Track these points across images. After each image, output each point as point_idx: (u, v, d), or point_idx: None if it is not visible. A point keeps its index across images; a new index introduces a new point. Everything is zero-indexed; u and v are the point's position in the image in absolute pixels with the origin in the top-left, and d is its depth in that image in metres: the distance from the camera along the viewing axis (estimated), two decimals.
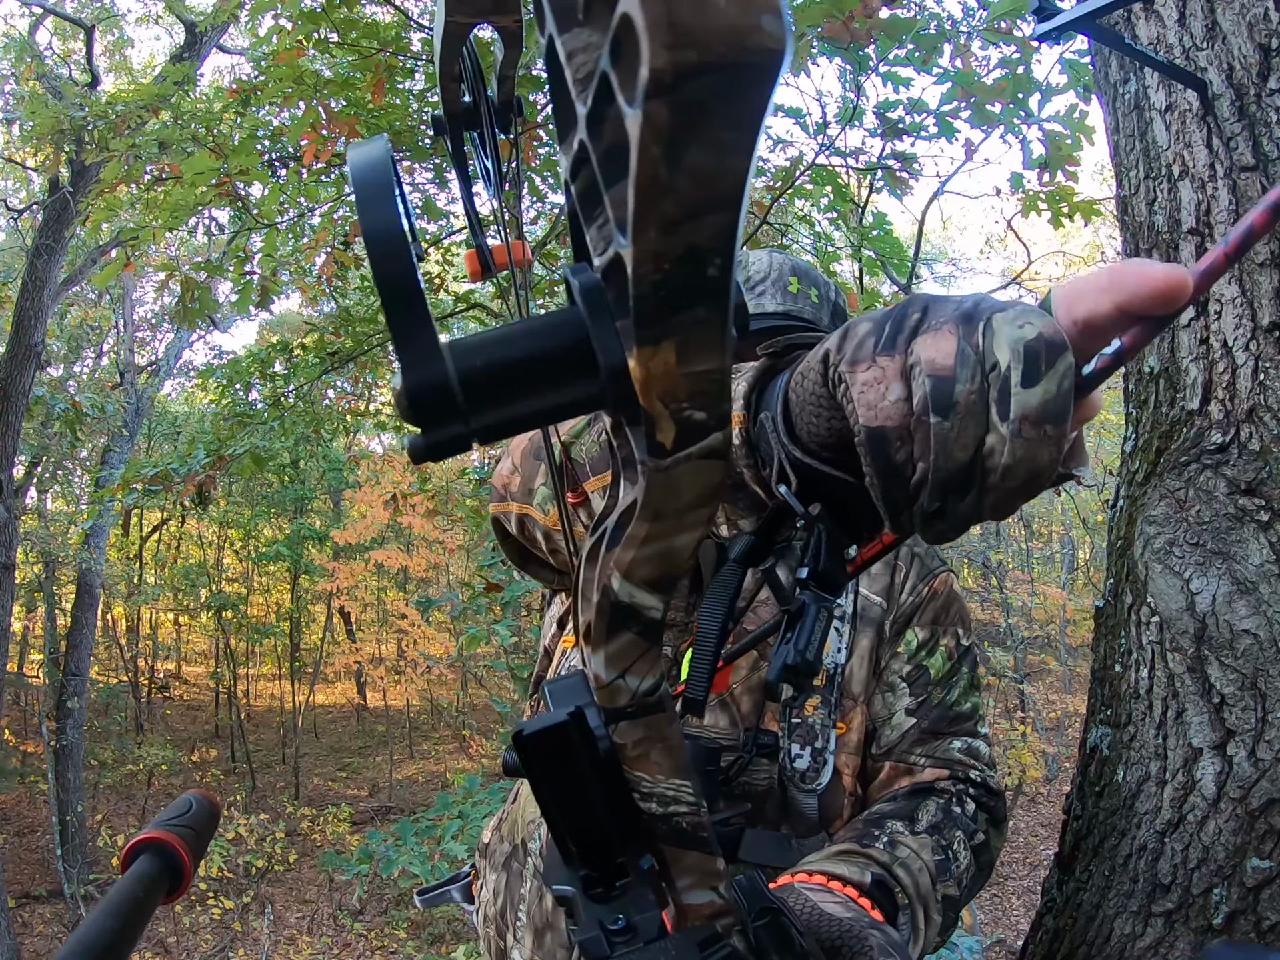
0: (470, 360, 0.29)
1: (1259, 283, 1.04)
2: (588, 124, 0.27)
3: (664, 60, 0.20)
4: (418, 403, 0.28)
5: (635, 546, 0.34)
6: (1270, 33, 1.07)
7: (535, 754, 0.43)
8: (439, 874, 3.72)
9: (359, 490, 9.98)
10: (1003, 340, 0.44)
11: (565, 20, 0.27)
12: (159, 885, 0.51)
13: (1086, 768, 1.15)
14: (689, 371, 0.28)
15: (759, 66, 0.21)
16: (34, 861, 9.42)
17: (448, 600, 5.57)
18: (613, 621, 0.38)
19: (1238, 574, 0.97)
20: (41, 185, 9.20)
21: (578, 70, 0.27)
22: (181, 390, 15.72)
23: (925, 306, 0.49)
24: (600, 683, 0.40)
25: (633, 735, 0.42)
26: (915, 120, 3.70)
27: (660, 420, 0.29)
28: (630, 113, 0.22)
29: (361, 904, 8.48)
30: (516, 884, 1.07)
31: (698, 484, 0.32)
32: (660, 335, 0.27)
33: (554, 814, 0.44)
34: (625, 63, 0.22)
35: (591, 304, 0.30)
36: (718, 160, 0.23)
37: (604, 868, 0.45)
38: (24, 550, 11.04)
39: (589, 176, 0.29)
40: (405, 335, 0.28)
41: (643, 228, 0.24)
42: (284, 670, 15.39)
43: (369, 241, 0.29)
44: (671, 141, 0.22)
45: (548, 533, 0.98)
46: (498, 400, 0.30)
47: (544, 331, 0.31)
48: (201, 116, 4.72)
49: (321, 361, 5.39)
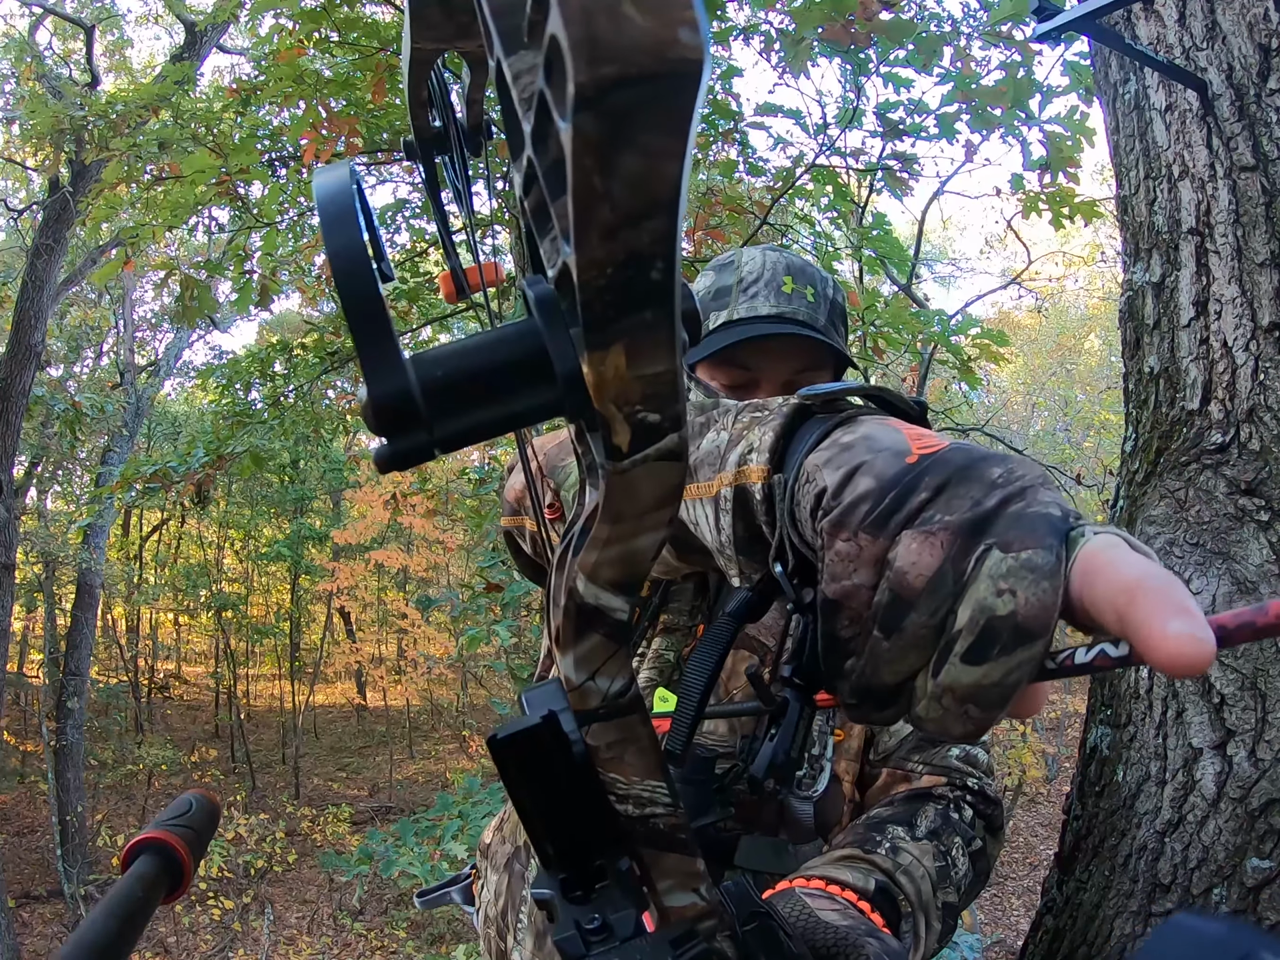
0: (431, 371, 0.30)
1: (1259, 283, 1.04)
2: (533, 141, 0.28)
3: (586, 75, 0.21)
4: (382, 413, 0.29)
5: (599, 549, 0.35)
6: (1270, 33, 1.07)
7: (510, 758, 0.43)
8: (439, 874, 3.72)
9: (359, 490, 9.99)
10: (974, 596, 0.39)
11: (511, 43, 0.28)
12: (159, 885, 0.51)
13: (1086, 768, 1.15)
14: (640, 374, 0.29)
15: (679, 75, 0.22)
16: (34, 861, 9.42)
17: (448, 600, 5.57)
18: (580, 624, 0.38)
19: (1238, 574, 0.97)
20: (41, 185, 9.21)
21: (523, 90, 0.28)
22: (181, 390, 15.73)
23: (940, 486, 0.42)
24: (571, 685, 0.40)
25: (606, 737, 0.42)
26: (915, 121, 3.71)
27: (615, 423, 0.30)
28: (563, 126, 0.23)
29: (361, 904, 8.48)
30: (518, 885, 1.07)
31: (655, 486, 0.32)
32: (609, 340, 0.28)
33: (531, 818, 0.44)
34: (556, 80, 0.23)
35: (546, 313, 0.31)
36: (649, 166, 0.24)
37: (582, 871, 0.45)
38: (24, 550, 11.04)
39: (539, 192, 0.30)
40: (369, 348, 0.29)
41: (584, 235, 0.25)
42: (284, 670, 15.39)
43: (332, 259, 0.30)
44: (602, 151, 0.23)
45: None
46: (459, 409, 0.30)
47: (502, 342, 0.31)
48: (201, 116, 4.71)
49: (321, 361, 5.39)
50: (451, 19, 0.44)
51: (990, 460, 0.43)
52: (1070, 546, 0.39)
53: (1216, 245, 1.09)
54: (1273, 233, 1.04)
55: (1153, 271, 1.18)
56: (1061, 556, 0.38)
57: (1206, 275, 1.10)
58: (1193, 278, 1.11)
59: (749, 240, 4.39)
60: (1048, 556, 0.38)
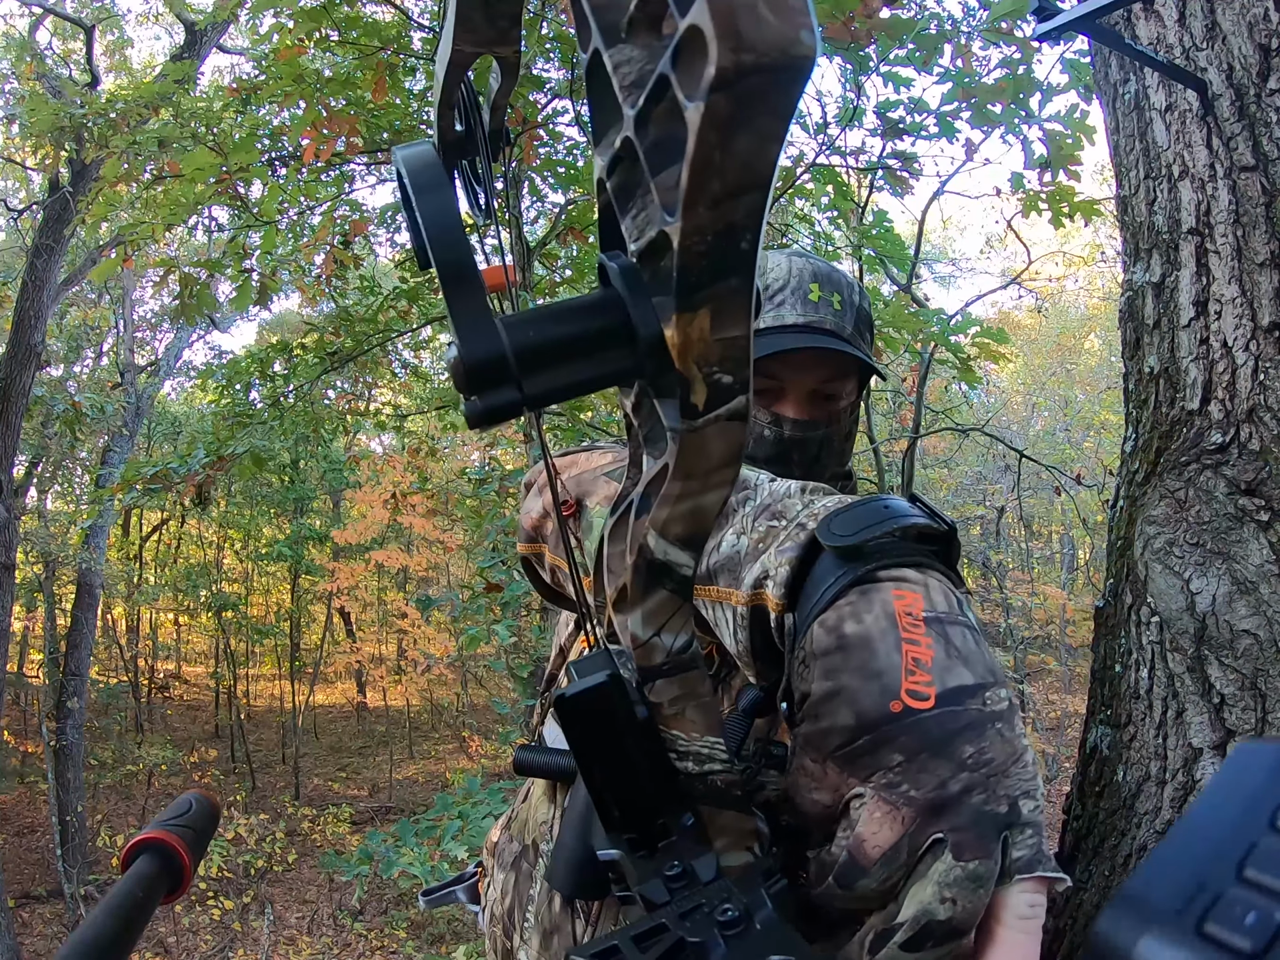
0: (523, 334, 0.33)
1: (1259, 283, 1.04)
2: (635, 123, 0.31)
3: (729, 61, 0.25)
4: (476, 371, 0.32)
5: (670, 504, 0.37)
6: (1270, 33, 1.07)
7: (576, 715, 0.44)
8: (439, 875, 3.71)
9: (359, 490, 9.98)
10: (919, 897, 0.43)
11: (610, 37, 0.32)
12: (159, 885, 0.51)
13: (1086, 768, 1.15)
14: (721, 337, 0.32)
15: (797, 69, 0.26)
16: (34, 861, 9.42)
17: (448, 600, 5.56)
18: (649, 579, 0.40)
19: (1238, 574, 0.97)
20: (41, 185, 9.20)
21: (624, 78, 0.31)
22: (181, 390, 15.72)
23: (914, 753, 0.45)
24: (637, 641, 0.42)
25: (669, 693, 0.44)
26: (916, 120, 3.70)
27: (695, 383, 0.33)
28: (691, 105, 0.27)
29: (361, 904, 8.48)
30: (525, 884, 1.06)
31: (724, 444, 0.35)
32: (699, 302, 0.31)
33: (595, 776, 0.45)
34: (687, 65, 0.27)
35: (630, 282, 0.33)
36: (758, 146, 0.28)
37: (646, 830, 0.46)
38: (24, 550, 11.04)
39: (628, 171, 0.33)
40: (461, 310, 0.32)
41: (693, 204, 0.28)
42: (284, 670, 15.38)
43: (428, 228, 0.33)
44: (726, 128, 0.27)
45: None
46: (547, 370, 0.33)
47: (587, 309, 0.34)
48: (202, 115, 4.71)
49: (321, 361, 5.38)
50: (493, 24, 0.46)
51: (964, 736, 0.46)
52: (1004, 851, 0.44)
53: (1216, 245, 1.09)
54: (1273, 233, 1.04)
55: (1153, 271, 1.18)
56: (997, 859, 0.43)
57: (1206, 275, 1.10)
58: (1193, 278, 1.11)
59: None
60: (990, 867, 0.43)
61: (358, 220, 4.88)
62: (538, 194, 5.36)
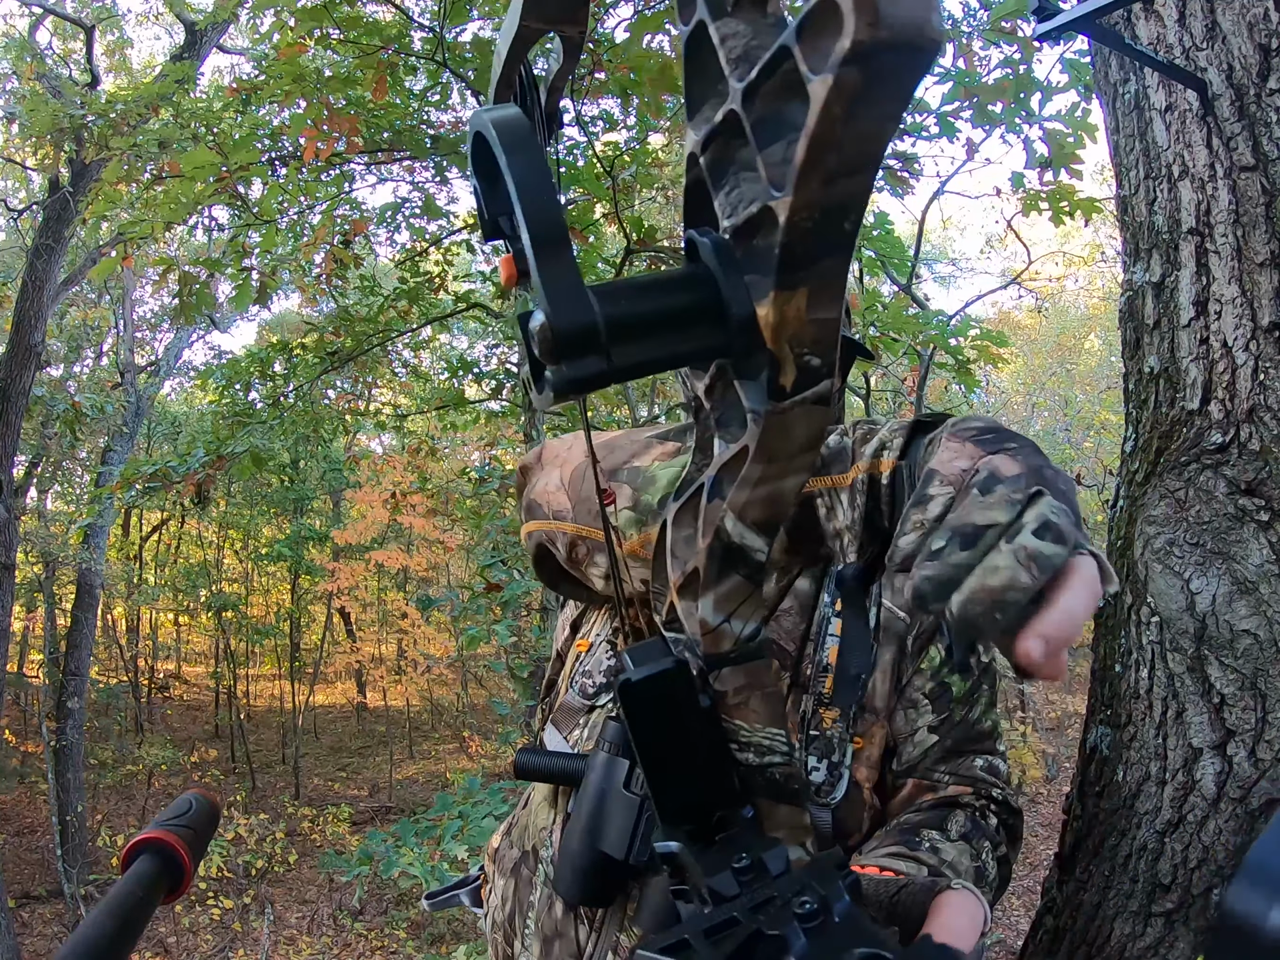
0: (615, 305, 0.32)
1: (1259, 283, 1.04)
2: (743, 96, 0.31)
3: (865, 34, 0.25)
4: (566, 340, 0.31)
5: (749, 488, 0.37)
6: (1270, 33, 1.07)
7: (640, 701, 0.43)
8: (439, 875, 3.71)
9: (359, 490, 9.98)
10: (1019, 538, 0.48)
11: (716, 11, 0.32)
12: (159, 885, 0.51)
13: (1086, 768, 1.15)
14: (815, 318, 0.32)
15: (927, 51, 0.26)
16: (34, 861, 9.41)
17: (448, 600, 5.56)
18: (723, 563, 0.40)
19: (1238, 574, 0.97)
20: (41, 185, 9.20)
21: (730, 51, 0.31)
22: (181, 390, 15.72)
23: (1024, 447, 0.58)
24: (706, 627, 0.42)
25: (734, 682, 0.43)
26: (916, 120, 3.70)
27: (785, 364, 0.33)
28: (816, 78, 0.27)
29: (361, 904, 8.47)
30: (526, 891, 1.06)
31: (808, 427, 0.35)
32: (798, 281, 0.31)
33: (654, 764, 0.44)
34: (813, 38, 0.27)
35: (723, 259, 0.33)
36: (878, 126, 0.28)
37: (705, 821, 0.45)
38: (24, 550, 11.03)
39: (724, 146, 0.33)
40: (553, 276, 0.31)
41: (806, 179, 0.28)
42: (284, 670, 15.37)
43: (520, 189, 0.32)
44: (853, 103, 0.26)
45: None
46: (635, 343, 0.33)
47: (677, 283, 0.34)
48: (202, 115, 4.71)
49: (321, 361, 5.38)
50: (560, 2, 0.46)
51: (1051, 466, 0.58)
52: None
53: (1216, 245, 1.09)
54: (1273, 233, 1.04)
55: (1153, 271, 1.18)
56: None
57: (1206, 275, 1.10)
58: (1193, 278, 1.11)
59: None
60: (1060, 551, 0.47)
61: (358, 220, 4.88)
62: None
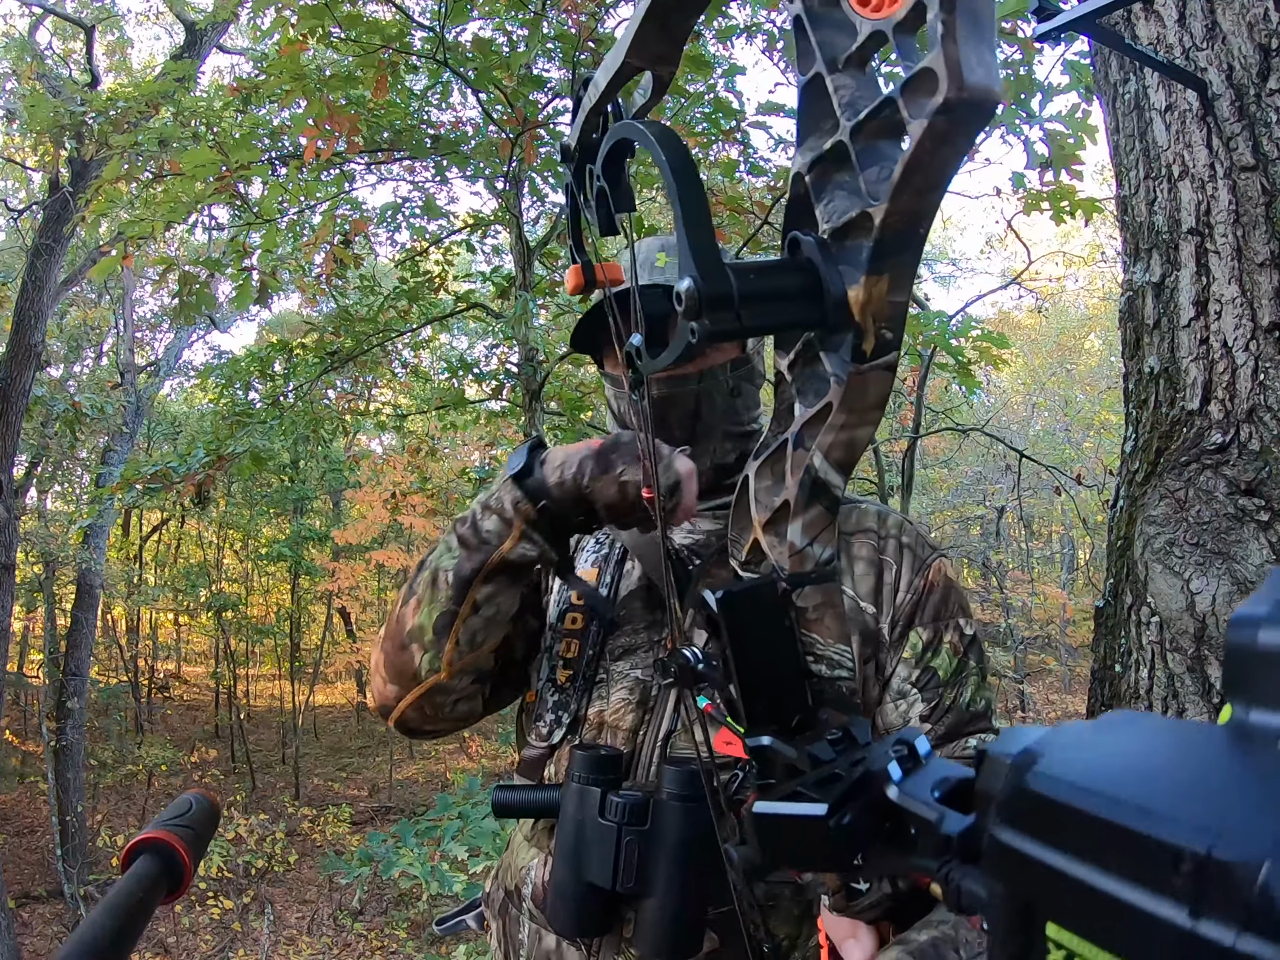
0: (746, 278, 0.44)
1: (1259, 283, 1.04)
2: (851, 131, 0.43)
3: (954, 94, 0.36)
4: (710, 301, 0.43)
5: (834, 432, 0.47)
6: (1270, 33, 1.07)
7: (734, 614, 0.50)
8: (439, 875, 3.72)
9: (359, 490, 9.98)
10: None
11: (831, 67, 0.44)
12: (159, 885, 0.51)
13: None
14: (893, 299, 0.43)
15: (990, 106, 0.37)
16: (34, 861, 9.41)
17: None
18: (811, 494, 0.49)
19: (1238, 574, 0.97)
20: (41, 185, 9.20)
21: (842, 98, 0.44)
22: (181, 390, 15.72)
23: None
24: (794, 549, 0.50)
25: (814, 599, 0.51)
26: None
27: (868, 334, 0.44)
28: (914, 122, 0.38)
29: (361, 904, 8.47)
30: (514, 929, 1.09)
31: (879, 388, 0.46)
32: (884, 268, 0.42)
33: (747, 668, 0.51)
34: (914, 93, 0.38)
35: (823, 253, 0.45)
36: (952, 158, 0.39)
37: (787, 723, 0.51)
38: (24, 550, 11.03)
39: (826, 169, 0.46)
40: (701, 249, 0.43)
41: (901, 192, 0.40)
42: (284, 670, 15.37)
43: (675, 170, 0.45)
44: (939, 140, 0.38)
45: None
46: (758, 307, 0.44)
47: (786, 269, 0.46)
48: (202, 113, 4.71)
49: (321, 361, 5.38)
50: (665, 44, 0.55)
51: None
52: None
53: (1216, 245, 1.09)
54: (1273, 233, 1.04)
55: (1153, 271, 1.18)
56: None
57: (1206, 275, 1.10)
58: (1193, 278, 1.11)
59: (750, 240, 4.39)
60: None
61: (358, 219, 4.88)
62: (538, 194, 5.36)
